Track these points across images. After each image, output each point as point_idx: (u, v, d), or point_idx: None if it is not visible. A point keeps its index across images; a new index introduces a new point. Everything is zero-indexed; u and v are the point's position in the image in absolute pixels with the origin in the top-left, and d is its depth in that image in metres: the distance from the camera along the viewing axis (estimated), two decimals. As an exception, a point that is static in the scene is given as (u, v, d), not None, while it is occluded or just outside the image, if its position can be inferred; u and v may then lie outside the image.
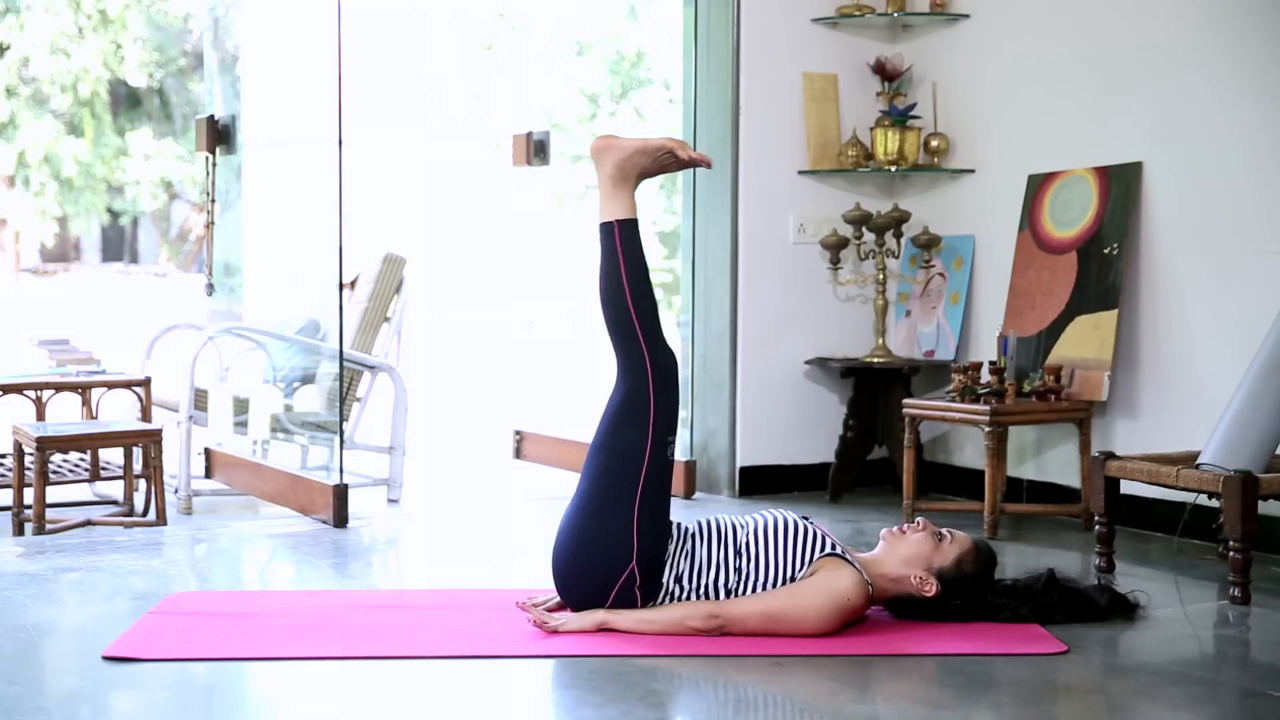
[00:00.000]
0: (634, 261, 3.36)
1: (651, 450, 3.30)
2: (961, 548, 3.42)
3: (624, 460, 3.29)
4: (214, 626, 3.38)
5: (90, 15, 15.96)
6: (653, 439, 3.30)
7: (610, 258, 3.36)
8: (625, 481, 3.28)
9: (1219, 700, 2.96)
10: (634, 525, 3.27)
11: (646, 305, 3.34)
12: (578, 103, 13.57)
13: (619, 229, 3.37)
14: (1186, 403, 4.64)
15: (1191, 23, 4.64)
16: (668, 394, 3.33)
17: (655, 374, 3.32)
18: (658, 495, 3.31)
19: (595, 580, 3.29)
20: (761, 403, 5.56)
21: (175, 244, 19.44)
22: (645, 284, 3.36)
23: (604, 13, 13.29)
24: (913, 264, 5.60)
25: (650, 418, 3.30)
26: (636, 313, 3.33)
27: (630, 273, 3.34)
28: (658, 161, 3.44)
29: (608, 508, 3.28)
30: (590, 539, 3.28)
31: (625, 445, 3.30)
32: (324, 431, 5.72)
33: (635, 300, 3.34)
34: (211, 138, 5.63)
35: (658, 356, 3.33)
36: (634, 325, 3.33)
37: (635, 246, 3.37)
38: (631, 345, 3.33)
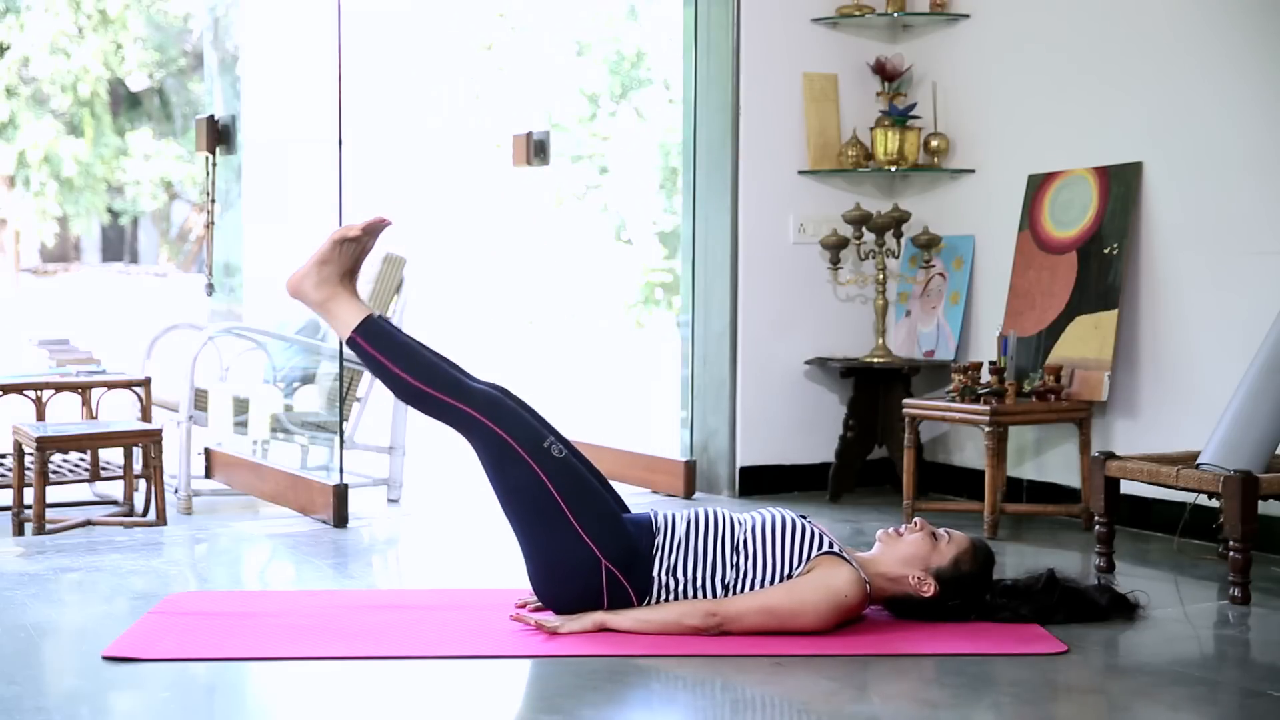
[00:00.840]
0: (394, 351, 3.33)
1: (541, 466, 3.28)
2: (959, 547, 3.42)
3: (528, 493, 3.28)
4: (214, 626, 3.38)
5: (90, 15, 15.96)
6: (532, 457, 3.28)
7: (376, 365, 3.34)
8: (544, 506, 3.27)
9: (1219, 700, 2.96)
10: (580, 532, 3.27)
11: (434, 374, 3.33)
12: (578, 103, 13.57)
13: (362, 337, 3.34)
14: (1186, 403, 4.64)
15: (1191, 23, 4.64)
16: (509, 415, 3.32)
17: (486, 414, 3.31)
18: (582, 493, 3.30)
19: (581, 593, 3.29)
20: (761, 403, 5.56)
21: (175, 244, 19.44)
22: (420, 358, 3.34)
23: (604, 13, 13.29)
24: (913, 264, 5.60)
25: (514, 446, 3.29)
26: (433, 388, 3.32)
27: (401, 363, 3.32)
28: (345, 255, 3.37)
29: (549, 534, 3.28)
30: (554, 565, 3.29)
31: (519, 482, 3.29)
32: (324, 431, 5.73)
33: (424, 379, 3.32)
34: (211, 138, 5.63)
35: (475, 401, 3.32)
36: (440, 398, 3.31)
37: (388, 338, 3.34)
38: (451, 412, 3.32)
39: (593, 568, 3.27)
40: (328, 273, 3.37)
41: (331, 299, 3.37)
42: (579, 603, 3.30)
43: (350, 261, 3.39)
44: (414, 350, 3.36)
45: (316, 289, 3.37)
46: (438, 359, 3.40)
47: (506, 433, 3.30)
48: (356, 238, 3.37)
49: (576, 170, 13.61)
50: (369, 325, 3.35)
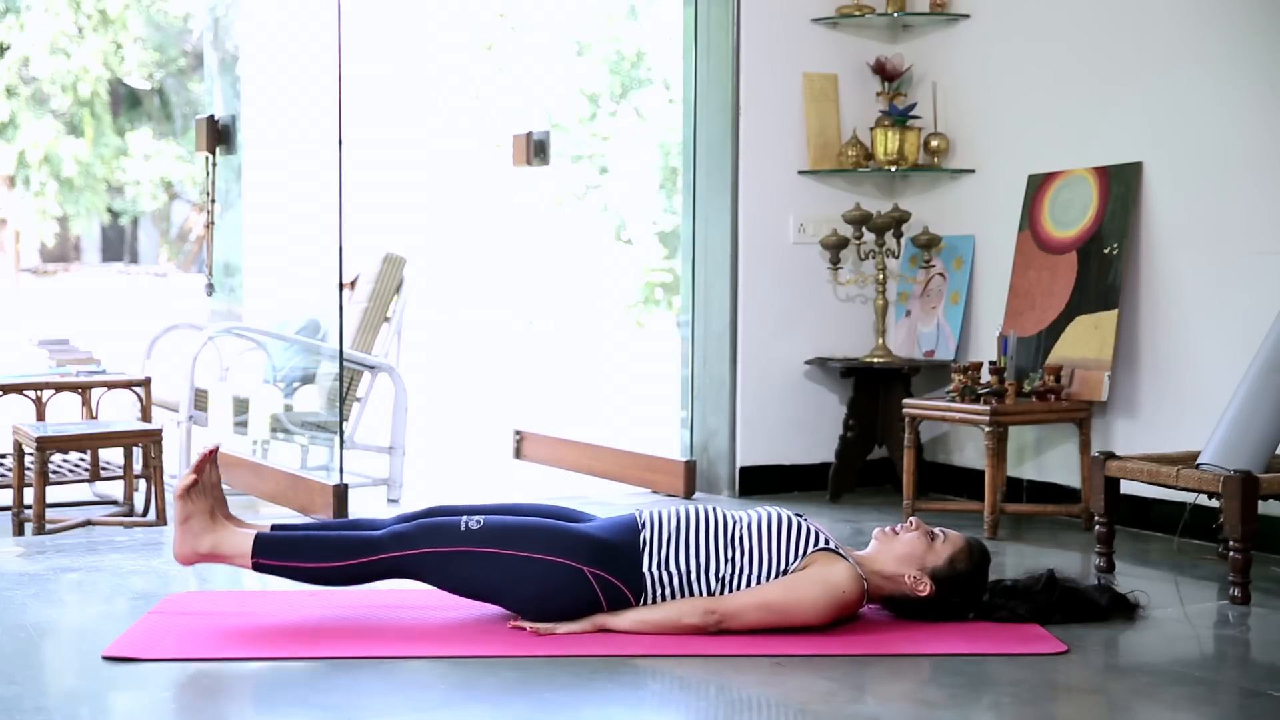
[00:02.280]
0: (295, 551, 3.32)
1: (474, 545, 3.29)
2: (954, 547, 3.42)
3: (482, 571, 3.29)
4: (214, 626, 3.38)
5: (90, 15, 15.96)
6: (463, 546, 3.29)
7: (293, 574, 3.33)
8: (503, 567, 3.28)
9: (1219, 700, 2.96)
10: (545, 559, 3.28)
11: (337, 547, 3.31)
12: (578, 103, 13.57)
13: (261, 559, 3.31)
14: (1186, 403, 4.64)
15: (1191, 23, 4.64)
16: (415, 539, 3.31)
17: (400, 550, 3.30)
18: (522, 535, 3.31)
19: (577, 605, 3.30)
20: (761, 403, 5.56)
21: (175, 244, 19.45)
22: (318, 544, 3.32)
23: (604, 13, 13.29)
24: (913, 264, 5.60)
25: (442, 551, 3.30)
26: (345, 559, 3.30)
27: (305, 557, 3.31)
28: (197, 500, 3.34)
29: (521, 582, 3.29)
30: (542, 596, 3.29)
31: (469, 572, 3.30)
32: (324, 431, 5.73)
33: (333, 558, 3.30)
34: (211, 138, 5.63)
35: (385, 548, 3.31)
36: (357, 565, 3.30)
37: (287, 547, 3.32)
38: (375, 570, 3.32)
39: (577, 578, 3.28)
40: (198, 525, 3.34)
41: (218, 544, 3.34)
42: (582, 613, 3.31)
43: (208, 501, 3.36)
44: (312, 538, 3.35)
45: (199, 542, 3.34)
46: (336, 531, 3.40)
47: (427, 549, 3.30)
48: (196, 481, 3.35)
49: (576, 170, 13.61)
50: (260, 543, 3.32)
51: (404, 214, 11.38)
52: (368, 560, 3.31)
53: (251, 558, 3.32)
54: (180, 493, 3.34)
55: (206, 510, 3.36)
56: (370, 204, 9.02)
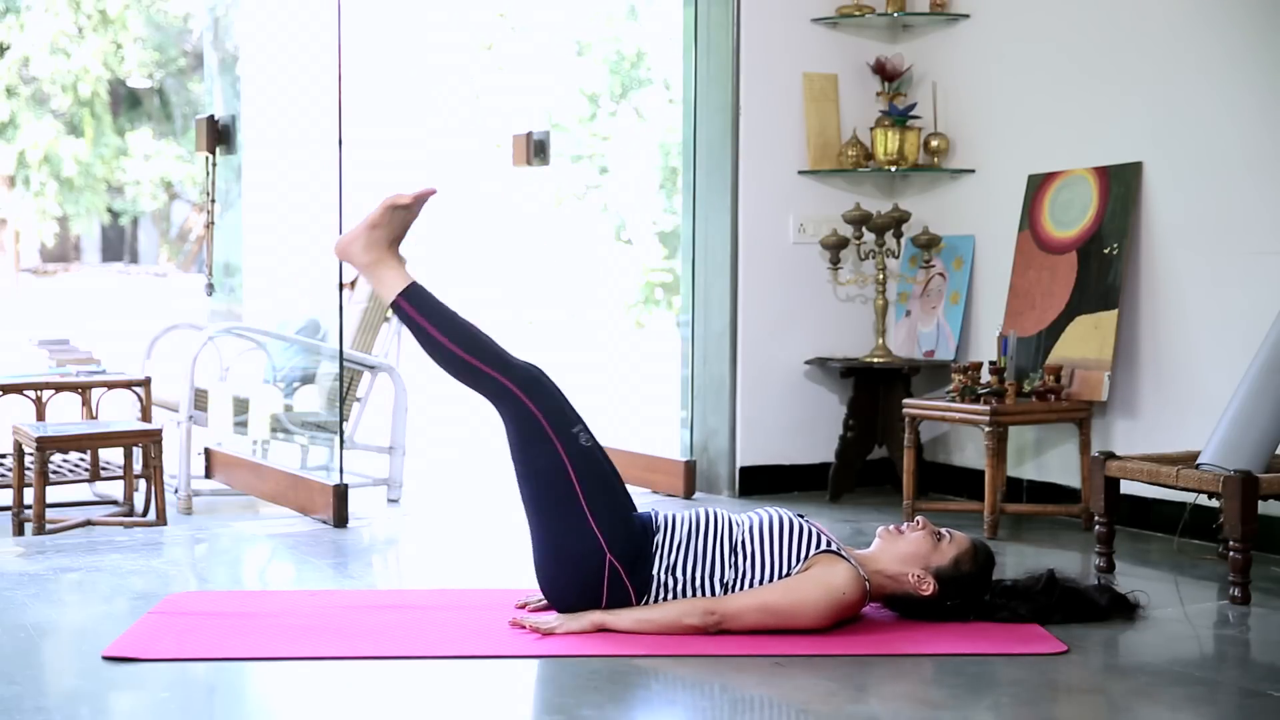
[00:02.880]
0: (438, 318, 3.37)
1: (566, 450, 3.30)
2: (960, 548, 3.42)
3: (549, 476, 3.30)
4: (214, 626, 3.38)
5: (90, 15, 15.96)
6: (560, 441, 3.31)
7: (418, 330, 3.37)
8: (562, 490, 3.29)
9: (1219, 700, 2.96)
10: (591, 522, 3.28)
11: (475, 342, 3.36)
12: (578, 103, 13.57)
13: (406, 302, 3.38)
14: (1186, 403, 4.64)
15: (1191, 23, 4.64)
16: (545, 396, 3.34)
17: (523, 390, 3.33)
18: (600, 485, 3.31)
19: (582, 585, 3.30)
20: (761, 403, 5.56)
21: (175, 244, 19.45)
22: (462, 326, 3.37)
23: (604, 13, 13.29)
24: (913, 264, 5.60)
25: (545, 426, 3.31)
26: (472, 356, 3.35)
27: (443, 329, 3.36)
28: (390, 223, 3.43)
29: (562, 519, 3.29)
30: (560, 551, 3.30)
31: (542, 464, 3.31)
32: (324, 431, 5.73)
33: (464, 347, 3.35)
34: (211, 138, 5.63)
35: (514, 374, 3.34)
36: (478, 367, 3.34)
37: (430, 305, 3.38)
38: (488, 383, 3.35)
39: (598, 560, 3.27)
40: (377, 236, 3.42)
41: (379, 263, 3.42)
42: (579, 594, 3.30)
43: (399, 229, 3.44)
44: (456, 319, 3.39)
45: (365, 251, 3.42)
46: (478, 330, 3.41)
47: (539, 411, 3.32)
48: (407, 205, 3.42)
49: (576, 170, 13.61)
50: (414, 291, 3.39)
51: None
52: (490, 371, 3.33)
53: (399, 295, 3.37)
54: (389, 203, 3.39)
55: (393, 235, 3.43)
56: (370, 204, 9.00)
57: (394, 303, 3.40)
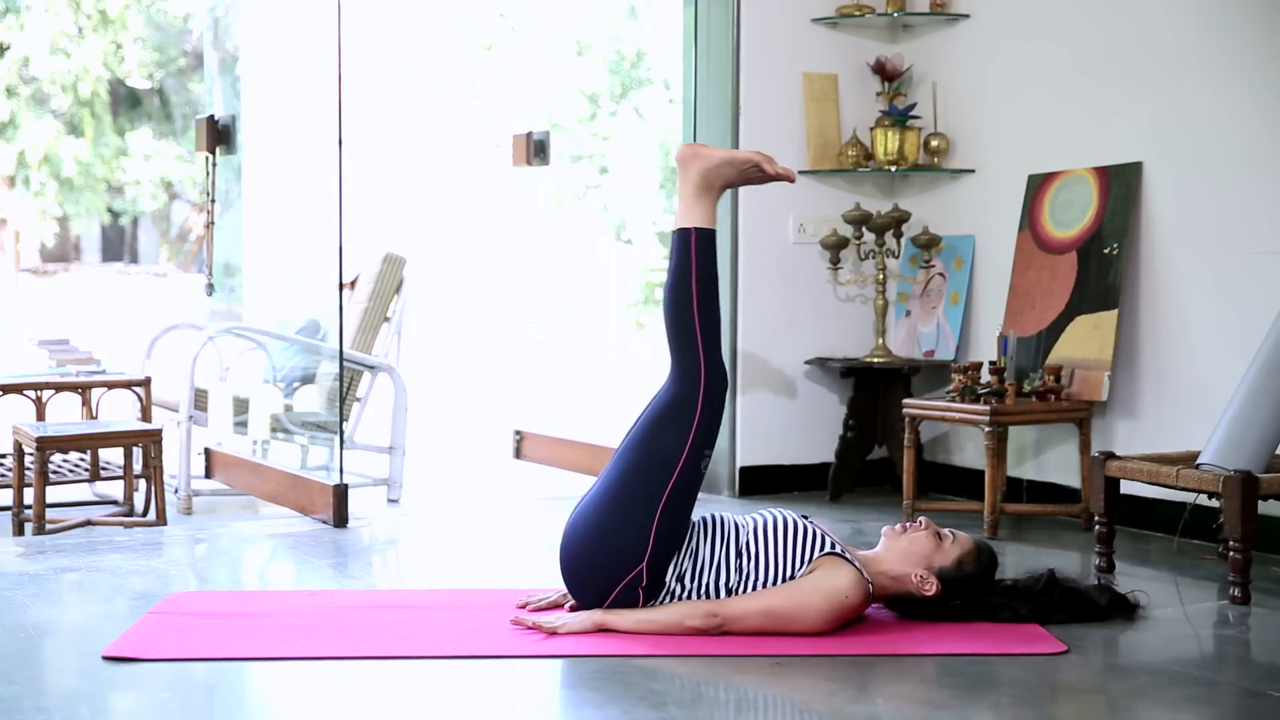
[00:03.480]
0: (706, 271, 3.35)
1: (687, 458, 3.29)
2: (963, 548, 3.42)
3: (657, 460, 3.28)
4: (214, 626, 3.38)
5: (90, 15, 15.96)
6: (690, 447, 3.29)
7: (683, 264, 3.34)
8: (654, 482, 3.28)
9: (1219, 700, 2.96)
10: (652, 528, 3.27)
11: (711, 316, 3.34)
12: (578, 103, 13.57)
13: (696, 237, 3.36)
14: (1186, 403, 4.64)
15: (1191, 23, 4.64)
16: (714, 408, 3.33)
17: (708, 385, 3.32)
18: (682, 503, 3.30)
19: (603, 574, 3.29)
20: (761, 403, 5.56)
21: (175, 244, 19.45)
22: (713, 295, 3.36)
23: (604, 13, 13.29)
24: (913, 264, 5.60)
25: (693, 425, 3.30)
26: (700, 322, 3.33)
27: (701, 282, 3.34)
28: (743, 174, 3.45)
29: (630, 505, 3.28)
30: (606, 533, 3.28)
31: (661, 445, 3.29)
32: (324, 431, 5.72)
33: (701, 309, 3.33)
34: (211, 138, 5.63)
35: (713, 368, 3.33)
36: (696, 334, 3.33)
37: (709, 257, 3.36)
38: (689, 353, 3.33)
39: (632, 562, 3.26)
40: (723, 173, 3.42)
41: (705, 191, 3.40)
42: (595, 579, 3.29)
43: (741, 180, 3.46)
44: (715, 288, 3.37)
45: (701, 175, 3.40)
46: (718, 310, 3.39)
47: (702, 412, 3.30)
48: (765, 172, 3.43)
49: (576, 170, 13.61)
50: (708, 236, 3.37)
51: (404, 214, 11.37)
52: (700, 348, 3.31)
53: (695, 228, 3.35)
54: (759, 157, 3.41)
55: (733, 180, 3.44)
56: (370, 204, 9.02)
57: (685, 231, 3.35)
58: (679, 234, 3.36)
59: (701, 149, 3.44)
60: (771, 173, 3.44)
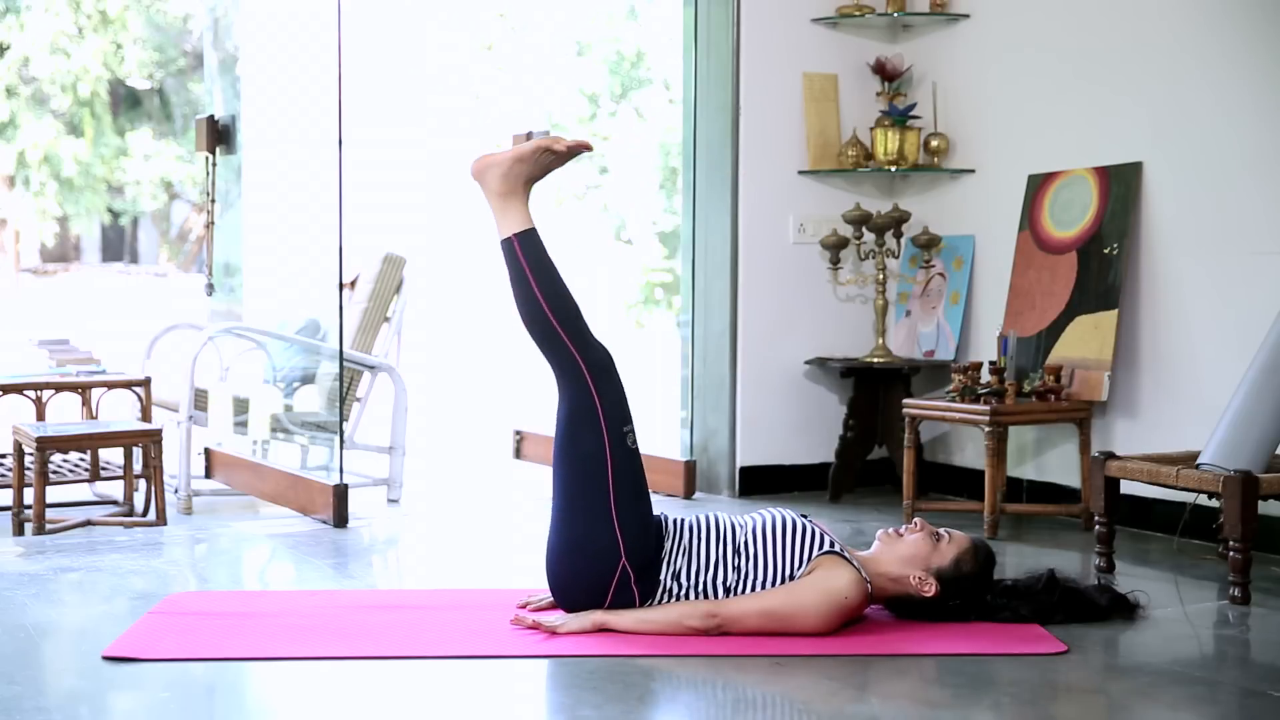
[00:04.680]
0: (542, 271, 3.33)
1: (611, 447, 3.29)
2: (960, 547, 3.42)
3: (588, 464, 3.28)
4: (214, 626, 3.38)
5: (90, 15, 15.96)
6: (609, 435, 3.29)
7: (517, 273, 3.34)
8: (595, 483, 3.28)
9: (1219, 700, 2.96)
10: (615, 523, 3.27)
11: (566, 309, 3.33)
12: (578, 103, 13.57)
13: (519, 243, 3.35)
14: (1186, 403, 4.64)
15: (1191, 23, 4.64)
16: (610, 387, 3.32)
17: (592, 373, 3.31)
18: (632, 488, 3.30)
19: (590, 582, 3.29)
20: (761, 403, 5.56)
21: (175, 244, 19.44)
22: (559, 289, 3.34)
23: (604, 13, 13.29)
24: (913, 264, 5.60)
25: (600, 416, 3.30)
26: (558, 321, 3.32)
27: (542, 283, 3.33)
28: (538, 164, 3.40)
29: (586, 512, 3.28)
30: (576, 544, 3.29)
31: (584, 451, 3.29)
32: (324, 431, 5.72)
33: (554, 309, 3.32)
34: (211, 138, 5.63)
35: (589, 355, 3.32)
36: (559, 333, 3.32)
37: (540, 255, 3.34)
38: (562, 353, 3.33)
39: (612, 562, 3.27)
40: (519, 171, 3.39)
41: (510, 194, 3.38)
42: (585, 591, 3.30)
43: (540, 171, 3.41)
44: (558, 279, 3.36)
45: (501, 181, 3.38)
46: (572, 299, 3.38)
47: (600, 398, 3.30)
48: (559, 153, 3.39)
49: (576, 170, 13.61)
50: (529, 236, 3.35)
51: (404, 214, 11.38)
52: (569, 343, 3.30)
53: (515, 234, 3.33)
54: (544, 144, 3.37)
55: (533, 175, 3.40)
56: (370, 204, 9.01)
57: (506, 240, 3.34)
58: (503, 246, 3.35)
59: (490, 157, 3.41)
60: (565, 150, 3.40)
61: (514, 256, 3.34)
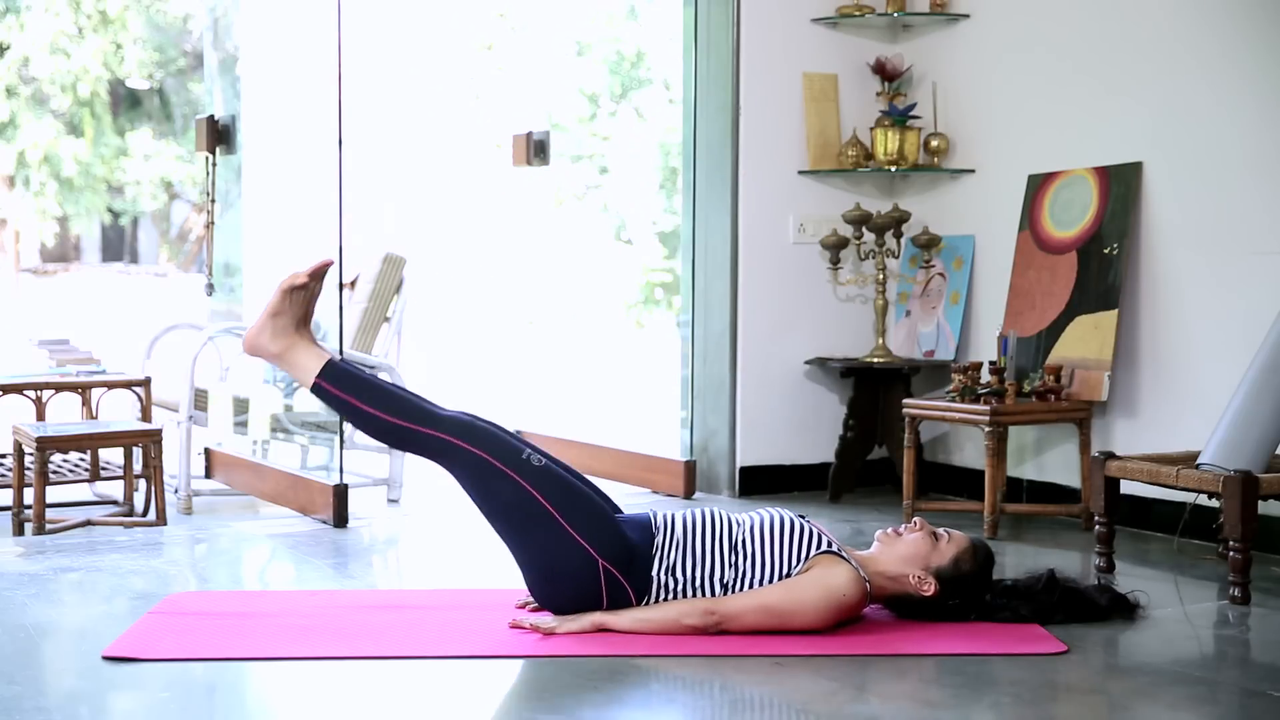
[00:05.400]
0: (361, 390, 3.32)
1: (525, 478, 3.28)
2: (959, 547, 3.42)
3: (517, 506, 3.28)
4: (214, 626, 3.38)
5: (90, 15, 15.97)
6: (515, 473, 3.28)
7: (342, 405, 3.32)
8: (536, 516, 3.27)
9: (1219, 700, 2.96)
10: (574, 534, 3.26)
11: (402, 406, 3.32)
12: (578, 103, 13.58)
13: (325, 382, 3.32)
14: (1186, 403, 4.64)
15: (1191, 23, 4.64)
16: (486, 437, 3.30)
17: (461, 437, 3.29)
18: (569, 497, 3.30)
19: (580, 595, 3.29)
20: (761, 403, 5.56)
21: (175, 244, 19.45)
22: (385, 392, 3.33)
23: (604, 13, 13.29)
24: (913, 264, 5.60)
25: (494, 463, 3.28)
26: (404, 419, 3.31)
27: (368, 400, 3.31)
28: (292, 306, 3.36)
29: (544, 542, 3.27)
30: (551, 571, 3.29)
31: (506, 498, 3.28)
32: (324, 431, 5.73)
33: (395, 413, 3.30)
34: (211, 138, 5.63)
35: (447, 427, 3.31)
36: (413, 429, 3.31)
37: (351, 377, 3.33)
38: (427, 441, 3.31)
39: (590, 569, 3.27)
40: (282, 324, 3.36)
41: (290, 349, 3.35)
42: (579, 604, 3.30)
43: (302, 309, 3.37)
44: (380, 386, 3.36)
45: (273, 341, 3.35)
46: (403, 392, 3.40)
47: (484, 451, 3.29)
48: (304, 284, 3.35)
49: (576, 170, 13.62)
50: (331, 369, 3.33)
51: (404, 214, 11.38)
52: (423, 430, 3.29)
53: (317, 377, 3.31)
54: (286, 286, 3.33)
55: (298, 316, 3.36)
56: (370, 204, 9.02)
57: (314, 385, 3.32)
58: (314, 391, 3.33)
59: (251, 331, 3.37)
60: (308, 280, 3.34)
61: (331, 395, 3.32)
